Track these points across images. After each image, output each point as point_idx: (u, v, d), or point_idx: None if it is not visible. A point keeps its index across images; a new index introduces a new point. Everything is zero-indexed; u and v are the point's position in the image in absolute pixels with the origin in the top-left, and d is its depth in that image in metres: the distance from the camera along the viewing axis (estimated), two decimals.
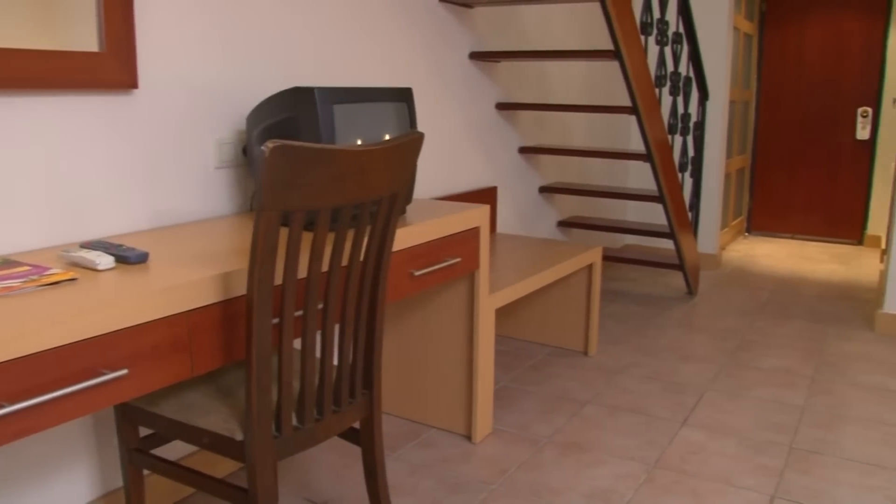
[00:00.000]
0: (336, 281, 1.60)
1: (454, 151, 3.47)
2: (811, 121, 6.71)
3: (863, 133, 6.51)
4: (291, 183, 1.39)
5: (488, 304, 2.62)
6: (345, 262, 1.78)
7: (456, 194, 3.48)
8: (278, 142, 1.33)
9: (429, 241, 2.21)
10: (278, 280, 1.63)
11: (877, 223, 6.58)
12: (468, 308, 2.59)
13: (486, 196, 3.68)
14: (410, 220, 2.22)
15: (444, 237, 2.28)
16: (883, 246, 4.53)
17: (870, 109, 6.46)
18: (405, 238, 2.10)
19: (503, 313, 3.79)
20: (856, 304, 4.65)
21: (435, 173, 3.35)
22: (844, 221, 6.74)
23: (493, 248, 3.40)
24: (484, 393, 2.68)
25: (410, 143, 1.61)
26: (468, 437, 2.72)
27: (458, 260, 2.35)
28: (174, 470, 1.74)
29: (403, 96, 2.29)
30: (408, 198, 2.28)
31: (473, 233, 2.44)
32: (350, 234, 1.89)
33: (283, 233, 1.90)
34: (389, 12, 2.94)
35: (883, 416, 2.99)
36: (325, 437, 1.73)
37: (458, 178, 3.53)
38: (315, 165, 1.40)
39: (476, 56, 3.52)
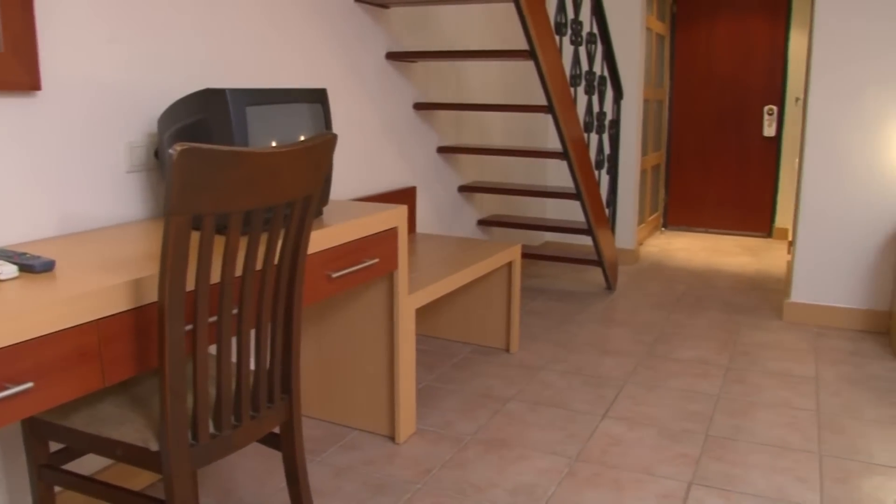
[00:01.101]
0: (250, 285, 1.58)
1: (372, 152, 3.46)
2: (721, 118, 6.92)
3: (769, 130, 6.75)
4: (201, 186, 1.36)
5: (408, 304, 2.62)
6: (259, 265, 1.76)
7: (375, 195, 3.47)
8: (186, 144, 1.31)
9: (346, 243, 2.20)
10: (191, 286, 1.60)
11: (784, 216, 6.84)
12: (388, 308, 2.59)
13: (405, 196, 3.68)
14: (327, 221, 2.20)
15: (361, 238, 2.27)
16: (790, 238, 4.71)
17: (775, 108, 6.70)
18: (321, 240, 2.09)
19: (425, 313, 3.79)
20: (766, 295, 4.82)
21: (353, 174, 3.34)
22: (755, 215, 6.97)
23: (412, 248, 3.40)
24: (406, 393, 2.68)
25: (323, 144, 1.60)
26: (392, 438, 2.72)
27: (376, 261, 2.35)
28: (88, 485, 1.69)
29: (318, 97, 2.27)
30: (323, 199, 2.27)
31: (391, 233, 2.44)
32: (264, 238, 1.87)
33: (196, 237, 1.87)
34: (304, 13, 2.92)
35: (791, 401, 3.11)
36: (244, 443, 1.71)
37: (377, 179, 3.52)
38: (225, 168, 1.38)
39: (393, 56, 3.52)
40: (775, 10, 6.59)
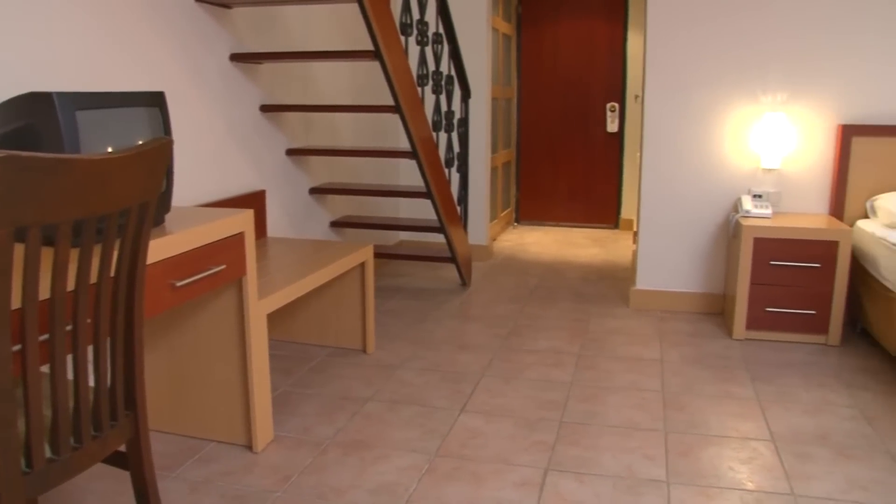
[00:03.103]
0: (84, 299, 1.50)
1: (218, 156, 3.37)
2: (567, 116, 7.17)
3: (612, 126, 7.05)
4: (24, 196, 1.29)
5: (259, 310, 2.57)
6: (94, 278, 1.68)
7: (223, 200, 3.38)
8: (5, 152, 1.23)
9: (190, 250, 2.14)
10: (17, 303, 1.51)
11: (629, 208, 7.16)
12: (238, 315, 2.53)
13: (254, 200, 3.60)
14: (169, 228, 2.13)
15: (206, 245, 2.21)
16: (635, 229, 4.95)
17: (617, 105, 7.01)
18: (163, 248, 2.02)
19: (279, 317, 3.73)
20: (614, 283, 5.03)
21: (199, 179, 3.24)
22: (602, 208, 7.26)
23: (263, 253, 3.34)
24: (262, 400, 2.63)
25: (158, 149, 1.54)
26: (249, 447, 2.66)
27: (223, 267, 2.29)
28: None
29: (156, 101, 2.19)
30: (164, 206, 2.19)
31: (238, 238, 2.38)
32: (98, 249, 1.78)
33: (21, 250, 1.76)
34: (140, 13, 2.80)
35: (638, 384, 3.26)
36: (86, 465, 1.62)
37: (225, 184, 3.44)
38: (49, 176, 1.31)
39: (237, 58, 3.44)
40: (613, 13, 6.89)
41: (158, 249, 2.00)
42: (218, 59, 3.34)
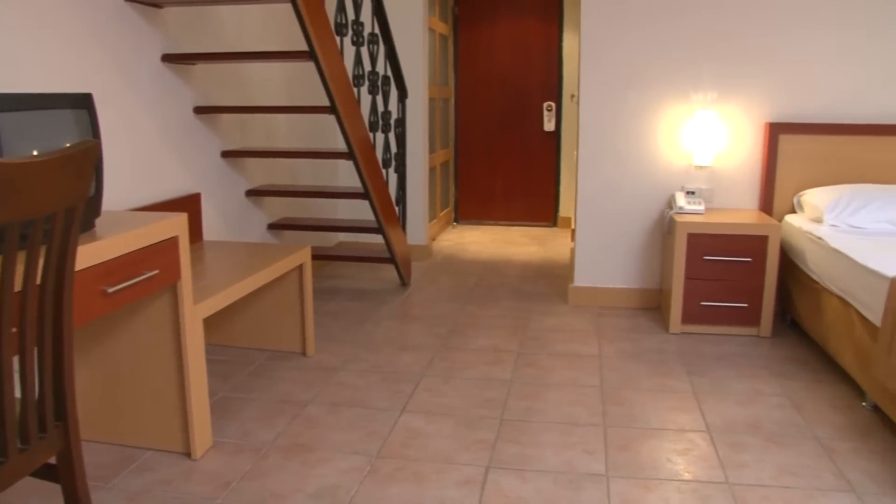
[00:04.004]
0: (9, 308, 1.46)
1: (151, 159, 3.31)
2: (505, 115, 7.21)
3: (549, 125, 7.12)
4: None
5: (195, 315, 2.53)
6: (18, 286, 1.63)
7: (156, 204, 3.31)
8: None
9: (121, 256, 2.09)
10: None
11: (567, 206, 7.25)
12: (174, 320, 2.48)
13: (189, 203, 3.54)
14: (100, 233, 2.08)
15: (138, 250, 2.17)
16: (573, 226, 5.01)
17: (553, 104, 7.08)
18: (93, 254, 1.97)
19: (217, 322, 3.68)
20: (553, 281, 5.08)
21: (131, 183, 3.17)
22: (540, 206, 7.33)
23: (199, 257, 3.28)
24: (199, 406, 2.59)
25: (84, 152, 1.51)
26: (188, 455, 2.62)
27: (157, 272, 2.24)
28: None
29: (83, 102, 2.14)
30: (94, 211, 2.14)
31: (171, 243, 2.34)
32: (23, 256, 1.73)
33: None
34: (66, 12, 2.73)
35: (577, 379, 3.30)
36: (13, 479, 1.58)
37: (158, 187, 3.37)
38: None
39: (169, 58, 3.38)
40: (549, 14, 6.96)
41: (88, 255, 1.95)
42: (149, 60, 3.27)
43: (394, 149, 5.54)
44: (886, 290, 2.74)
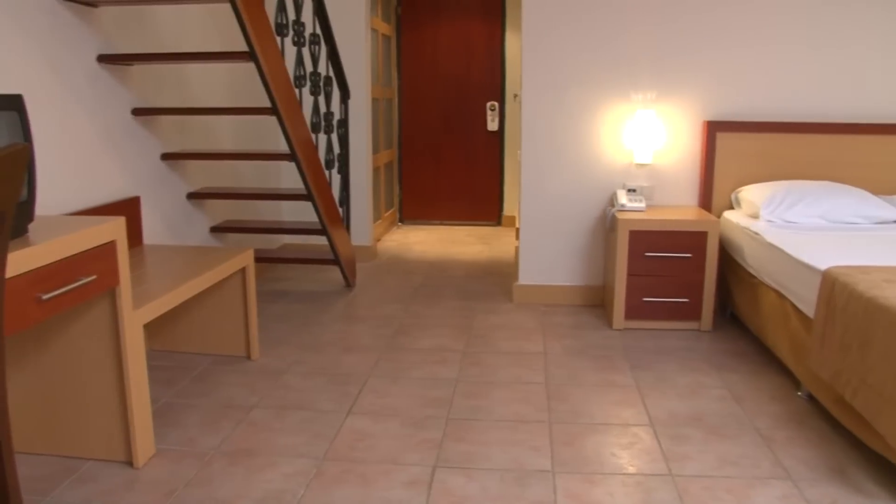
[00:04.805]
0: None
1: (88, 162, 3.23)
2: (449, 115, 7.23)
3: (492, 125, 7.16)
4: None
5: (134, 320, 2.49)
6: None
7: (93, 208, 3.24)
8: None
9: (56, 261, 2.04)
10: None
11: (511, 204, 7.30)
12: (112, 327, 2.43)
13: (128, 207, 3.48)
14: (33, 239, 2.03)
15: (74, 255, 2.12)
16: (517, 225, 5.04)
17: (496, 104, 7.12)
18: (26, 260, 1.92)
19: (160, 328, 3.62)
20: (498, 280, 5.11)
21: (66, 187, 3.10)
22: (484, 205, 7.37)
23: (139, 261, 3.23)
24: (141, 413, 2.54)
25: (13, 155, 1.47)
26: (130, 463, 2.57)
27: (94, 278, 2.20)
28: None
29: (13, 104, 2.09)
30: (26, 215, 2.09)
31: (109, 247, 2.29)
32: None
33: None
34: None
35: (523, 377, 3.33)
36: None
37: (95, 191, 3.30)
38: None
39: (106, 59, 3.31)
40: (491, 14, 7.00)
41: (21, 261, 1.90)
42: (84, 61, 3.20)
43: (337, 150, 5.52)
44: (819, 282, 2.81)
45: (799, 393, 3.14)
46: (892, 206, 3.80)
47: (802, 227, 3.65)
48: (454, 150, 7.30)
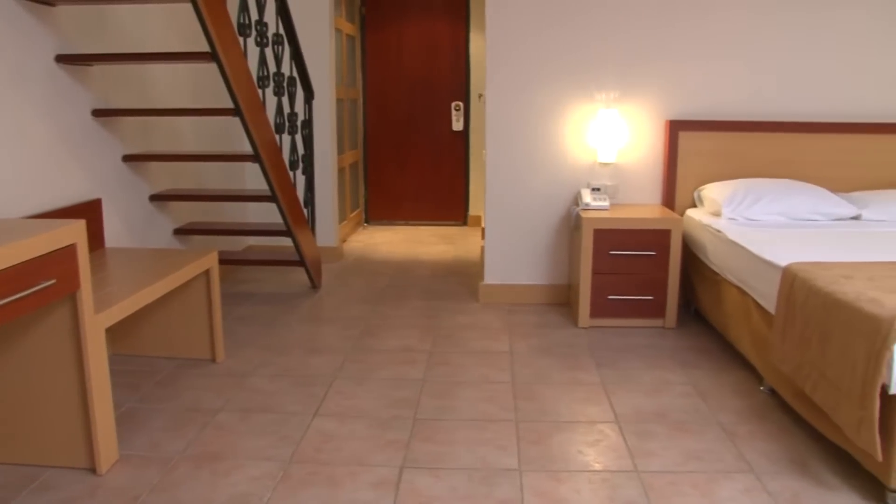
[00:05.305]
0: None
1: (46, 164, 3.18)
2: (414, 115, 7.23)
3: (457, 125, 7.17)
4: None
5: (96, 325, 2.45)
6: None
7: (53, 211, 3.19)
8: None
9: (14, 265, 2.01)
10: None
11: (476, 204, 7.31)
12: (73, 331, 2.40)
13: (89, 210, 3.43)
14: None
15: (32, 259, 2.09)
16: (482, 225, 5.05)
17: (461, 104, 7.13)
18: None
19: (123, 331, 3.57)
20: (464, 280, 5.12)
21: (24, 189, 3.04)
22: (450, 205, 7.38)
23: (101, 264, 3.18)
24: (103, 419, 2.51)
25: None
26: (93, 470, 2.53)
27: (53, 282, 2.16)
28: None
29: None
30: None
31: (69, 251, 2.26)
32: None
33: None
34: None
35: (489, 376, 3.34)
36: None
37: (55, 193, 3.25)
38: None
39: (64, 59, 3.26)
40: (456, 14, 7.01)
41: None
42: (42, 61, 3.15)
43: (301, 150, 5.48)
44: (779, 278, 2.86)
45: (761, 388, 3.18)
46: (850, 204, 3.87)
47: (763, 225, 3.71)
48: (419, 151, 7.30)
